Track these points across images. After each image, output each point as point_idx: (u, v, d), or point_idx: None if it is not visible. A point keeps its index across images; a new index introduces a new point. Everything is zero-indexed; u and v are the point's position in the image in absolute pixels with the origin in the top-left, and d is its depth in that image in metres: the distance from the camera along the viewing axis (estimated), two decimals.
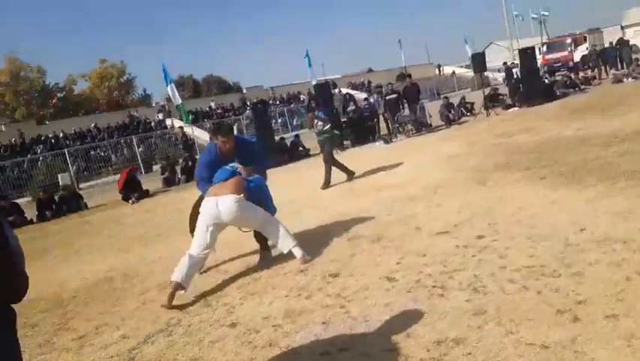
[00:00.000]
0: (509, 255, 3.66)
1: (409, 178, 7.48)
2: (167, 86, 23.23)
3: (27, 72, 39.75)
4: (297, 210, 6.68)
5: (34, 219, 11.58)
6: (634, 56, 19.76)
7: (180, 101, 23.30)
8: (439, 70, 46.60)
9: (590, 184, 5.08)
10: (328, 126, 8.43)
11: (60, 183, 20.63)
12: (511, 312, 2.81)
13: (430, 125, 14.29)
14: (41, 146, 25.49)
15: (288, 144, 14.29)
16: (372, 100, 15.66)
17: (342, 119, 15.03)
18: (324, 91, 13.92)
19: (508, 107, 15.55)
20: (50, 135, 27.20)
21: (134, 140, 24.25)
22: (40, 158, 23.36)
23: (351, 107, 15.21)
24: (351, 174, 8.49)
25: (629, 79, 16.92)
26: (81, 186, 21.08)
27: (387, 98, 14.30)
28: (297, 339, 3.01)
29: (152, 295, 4.44)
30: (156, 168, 21.90)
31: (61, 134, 27.37)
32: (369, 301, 3.34)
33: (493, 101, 17.04)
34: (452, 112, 14.85)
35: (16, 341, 1.55)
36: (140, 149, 24.57)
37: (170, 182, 13.85)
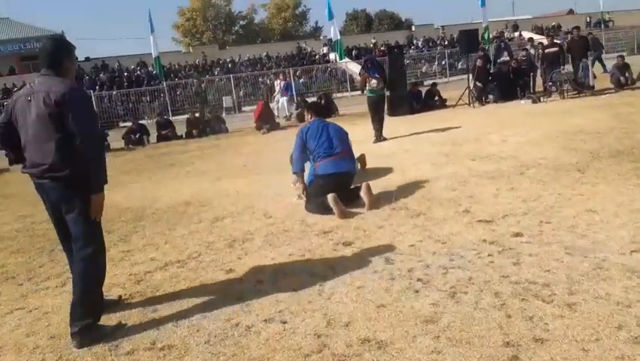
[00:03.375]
0: (524, 263, 3.21)
1: (513, 150, 6.73)
2: (328, 21, 23.73)
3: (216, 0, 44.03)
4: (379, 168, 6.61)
5: (184, 136, 13.33)
6: None
7: (339, 37, 23.63)
8: None
9: None
10: (381, 86, 8.54)
11: (224, 105, 23.09)
12: (459, 329, 2.54)
13: (593, 86, 12.23)
14: (218, 69, 28.42)
15: (423, 93, 13.65)
16: (532, 52, 13.84)
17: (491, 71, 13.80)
18: (468, 38, 12.67)
19: None
20: (228, 60, 30.08)
21: (298, 71, 25.48)
22: (217, 80, 26.03)
23: (504, 58, 13.72)
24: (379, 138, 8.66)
25: None
26: (243, 109, 23.27)
27: (545, 51, 12.53)
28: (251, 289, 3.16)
29: (202, 226, 4.96)
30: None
31: (237, 60, 30.05)
32: (343, 278, 3.30)
33: None
34: (627, 74, 12.44)
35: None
36: (301, 80, 25.69)
37: (302, 118, 14.44)
